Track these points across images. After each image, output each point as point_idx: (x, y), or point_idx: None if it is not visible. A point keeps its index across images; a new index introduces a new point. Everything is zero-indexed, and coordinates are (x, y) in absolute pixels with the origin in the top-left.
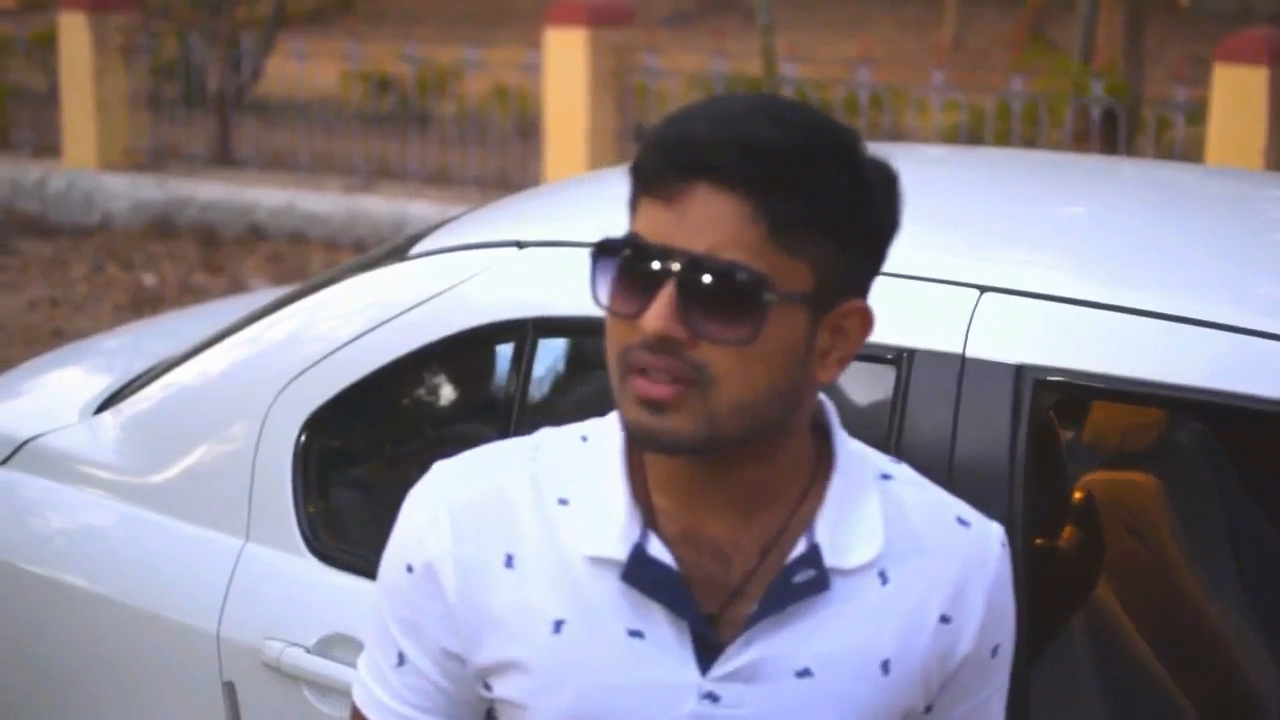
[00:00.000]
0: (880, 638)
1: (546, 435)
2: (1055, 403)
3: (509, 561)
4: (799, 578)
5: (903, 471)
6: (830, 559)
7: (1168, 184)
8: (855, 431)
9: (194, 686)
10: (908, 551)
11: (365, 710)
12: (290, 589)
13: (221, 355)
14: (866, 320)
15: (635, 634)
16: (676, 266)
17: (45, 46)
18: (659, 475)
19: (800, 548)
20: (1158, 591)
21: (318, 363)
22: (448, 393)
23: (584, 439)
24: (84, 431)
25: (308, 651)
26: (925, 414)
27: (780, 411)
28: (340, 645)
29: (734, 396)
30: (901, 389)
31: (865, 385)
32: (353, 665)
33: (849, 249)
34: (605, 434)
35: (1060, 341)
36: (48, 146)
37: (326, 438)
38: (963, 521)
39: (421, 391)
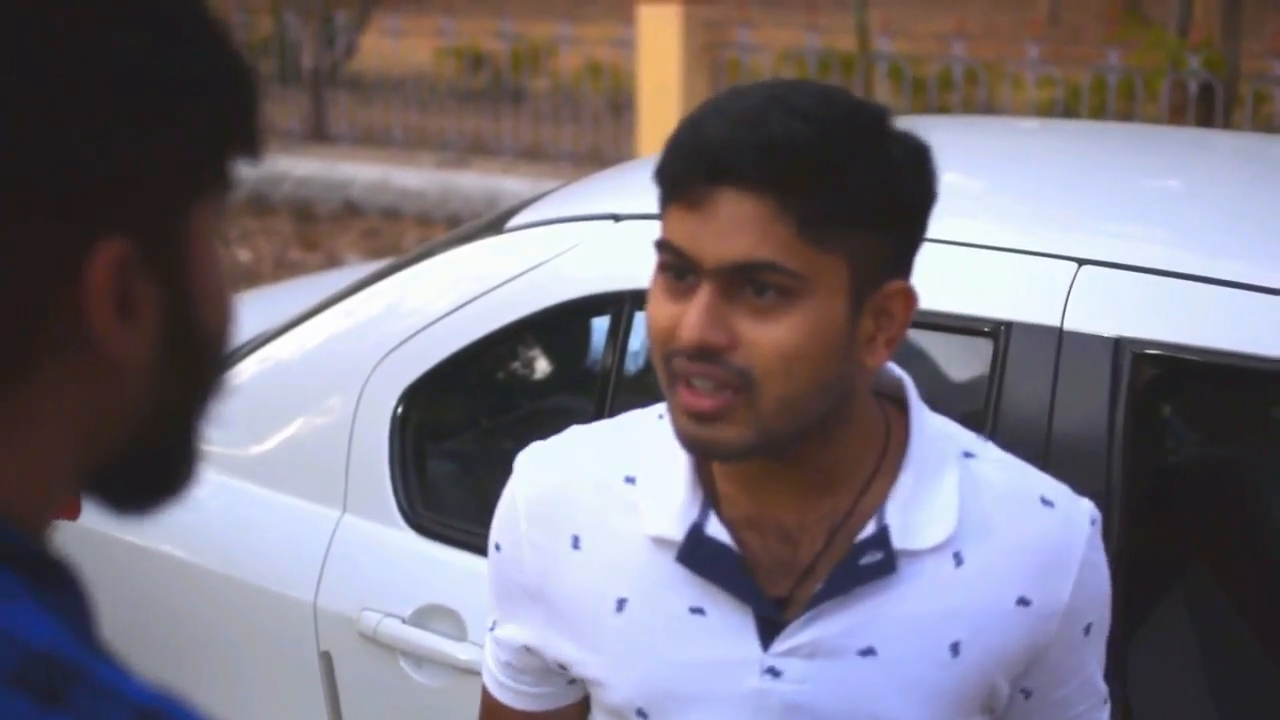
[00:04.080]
0: (950, 619)
1: (628, 415)
2: (1154, 376)
3: (575, 543)
4: (865, 560)
5: (988, 451)
6: (899, 541)
7: (1265, 156)
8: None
9: (291, 656)
10: (984, 532)
11: (485, 679)
12: (386, 560)
13: (318, 328)
14: (910, 300)
15: (697, 610)
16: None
17: None
18: (723, 464)
19: (869, 529)
20: (1257, 568)
21: (414, 336)
22: (543, 366)
23: (660, 417)
24: None
25: (404, 622)
26: (1023, 387)
27: (828, 403)
28: (436, 616)
29: (778, 397)
30: (999, 362)
31: (962, 358)
32: (448, 636)
33: (882, 233)
34: None
35: (1159, 314)
36: None
37: (423, 410)
38: (1046, 502)
39: (517, 365)
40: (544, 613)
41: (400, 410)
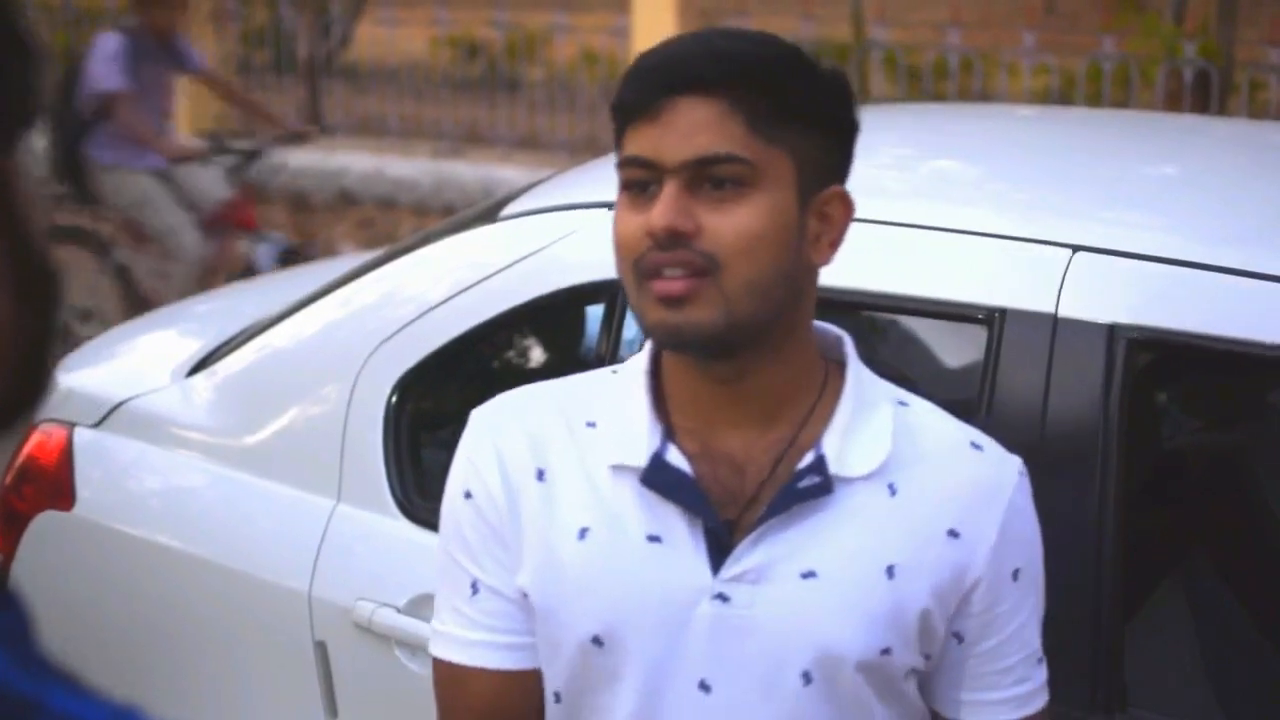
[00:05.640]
0: (885, 543)
1: (582, 374)
2: (1148, 362)
3: (540, 475)
4: (804, 483)
5: (920, 402)
6: (835, 467)
7: (1260, 143)
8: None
9: (286, 647)
10: (916, 465)
11: (448, 655)
12: (381, 549)
13: (313, 318)
14: (848, 204)
15: (654, 539)
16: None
17: None
18: (679, 396)
19: (808, 458)
20: (1252, 554)
21: (409, 325)
22: (538, 354)
23: (614, 372)
24: (177, 394)
25: (399, 611)
26: (1017, 374)
27: (786, 293)
28: (430, 605)
29: (743, 277)
30: (993, 349)
31: (956, 345)
32: None
33: (819, 136)
34: (632, 366)
35: (1153, 301)
36: None
37: (417, 399)
38: (976, 446)
39: (512, 353)
40: (515, 544)
41: (395, 399)
